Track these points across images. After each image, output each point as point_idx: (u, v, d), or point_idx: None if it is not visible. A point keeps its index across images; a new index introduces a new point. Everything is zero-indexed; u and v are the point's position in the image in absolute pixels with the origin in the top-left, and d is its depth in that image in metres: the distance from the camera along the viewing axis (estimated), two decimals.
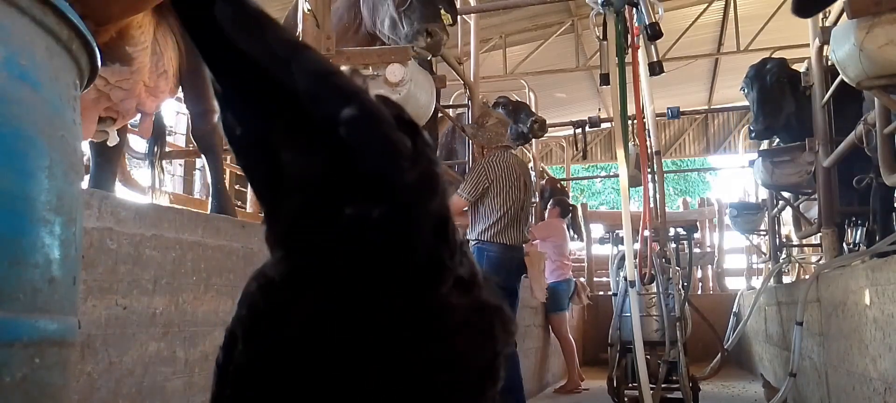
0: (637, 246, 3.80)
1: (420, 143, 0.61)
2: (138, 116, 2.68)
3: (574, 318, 6.65)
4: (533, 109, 5.89)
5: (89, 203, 1.36)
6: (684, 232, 4.45)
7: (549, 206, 6.11)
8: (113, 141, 2.63)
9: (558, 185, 6.86)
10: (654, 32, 3.27)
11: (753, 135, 4.46)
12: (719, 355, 5.07)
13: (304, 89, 0.58)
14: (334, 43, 2.85)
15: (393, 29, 3.03)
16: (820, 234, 4.08)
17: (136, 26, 2.23)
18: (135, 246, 1.48)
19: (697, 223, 5.30)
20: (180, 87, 2.69)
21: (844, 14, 2.70)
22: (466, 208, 3.65)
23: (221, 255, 1.75)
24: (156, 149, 3.35)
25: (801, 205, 5.10)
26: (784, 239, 6.18)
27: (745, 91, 4.45)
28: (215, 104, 2.77)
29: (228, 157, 4.34)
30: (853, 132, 3.25)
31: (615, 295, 4.44)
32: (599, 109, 9.47)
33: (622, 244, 3.87)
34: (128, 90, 2.32)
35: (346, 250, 0.58)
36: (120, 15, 2.06)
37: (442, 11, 3.15)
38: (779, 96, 4.26)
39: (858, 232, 4.16)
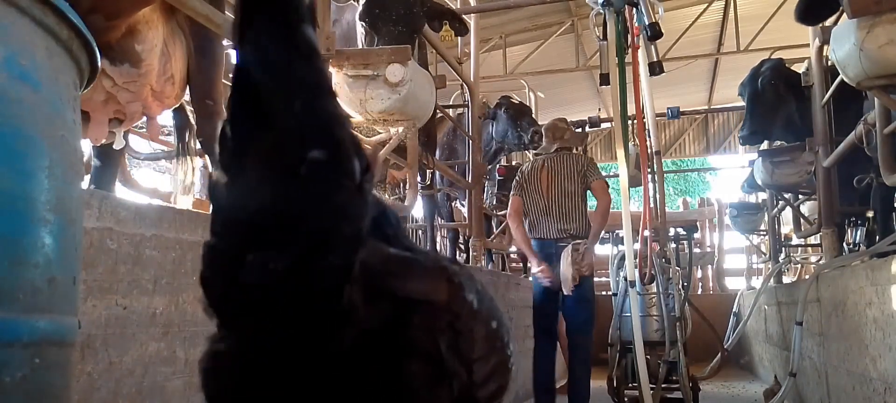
0: (637, 246, 3.80)
1: (355, 189, 0.65)
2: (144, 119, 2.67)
3: None
4: (534, 114, 5.87)
5: (89, 203, 1.36)
6: (684, 232, 4.45)
7: None
8: (119, 144, 2.61)
9: None
10: (654, 32, 3.27)
11: (741, 139, 4.48)
12: (719, 355, 5.07)
13: (293, 127, 0.62)
14: (334, 43, 2.85)
15: None
16: (820, 234, 4.08)
17: (145, 23, 2.21)
18: (135, 247, 1.48)
19: (697, 223, 5.30)
20: (187, 88, 2.68)
21: (844, 14, 2.70)
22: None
23: None
24: (181, 144, 3.21)
25: (802, 205, 5.10)
26: (784, 239, 6.18)
27: (742, 94, 4.47)
28: (222, 106, 2.77)
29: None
30: (853, 132, 3.25)
31: (615, 295, 4.44)
32: (599, 109, 9.47)
33: (622, 244, 3.87)
34: (134, 93, 2.31)
35: (238, 296, 0.62)
36: (131, 8, 2.04)
37: (447, 25, 3.21)
38: (770, 100, 4.26)
39: (858, 232, 4.16)
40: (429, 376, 0.71)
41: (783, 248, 5.93)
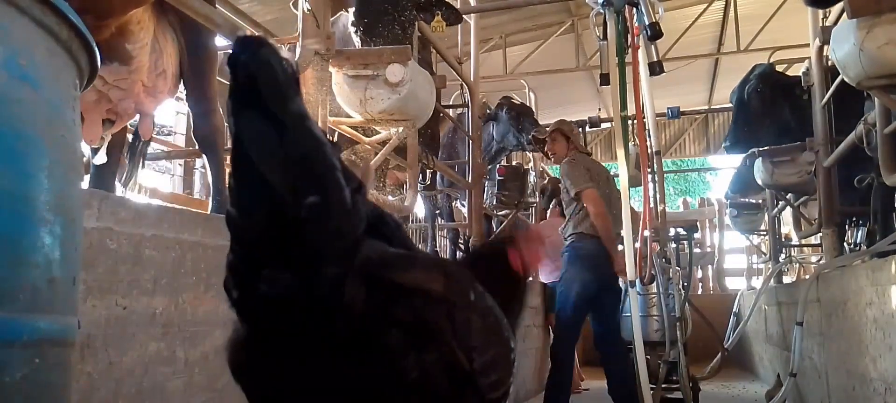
0: (637, 245, 3.79)
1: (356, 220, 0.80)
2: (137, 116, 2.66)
3: None
4: (535, 114, 5.86)
5: (89, 203, 1.36)
6: (684, 233, 4.45)
7: (550, 206, 6.11)
8: (101, 159, 2.59)
9: (560, 186, 6.85)
10: (654, 32, 3.26)
11: (725, 150, 4.51)
12: (719, 355, 5.07)
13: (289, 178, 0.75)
14: (334, 43, 2.84)
15: None
16: (820, 234, 4.08)
17: (136, 22, 2.21)
18: (135, 247, 1.48)
19: (697, 223, 5.29)
20: (183, 87, 2.67)
21: (845, 14, 2.70)
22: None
23: (221, 255, 1.74)
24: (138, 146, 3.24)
25: (802, 205, 5.09)
26: (784, 239, 6.18)
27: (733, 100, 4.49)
28: (217, 104, 2.77)
29: (228, 157, 4.33)
30: (853, 132, 3.25)
31: None
32: (599, 109, 9.47)
33: (622, 244, 3.87)
34: (125, 90, 2.30)
35: (255, 299, 0.78)
36: (122, 8, 2.04)
37: (438, 15, 3.18)
38: (756, 108, 4.27)
39: (859, 233, 4.16)
40: (427, 357, 0.80)
41: (784, 248, 5.92)
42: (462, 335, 0.85)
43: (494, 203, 5.84)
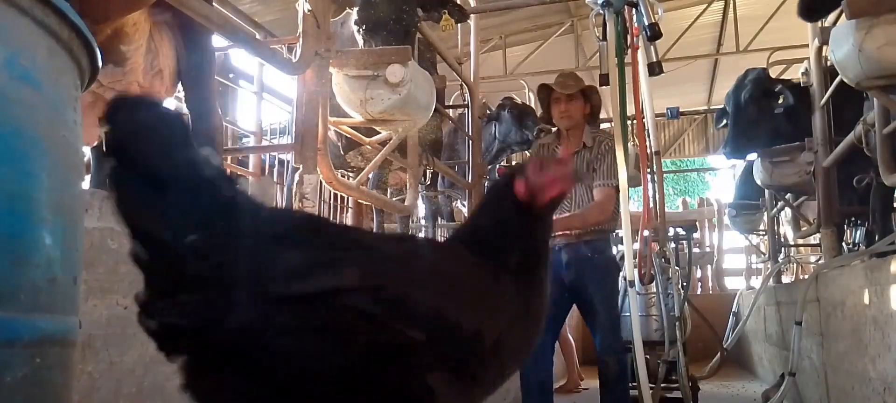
0: (637, 246, 3.80)
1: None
2: None
3: (574, 318, 6.65)
4: (538, 114, 5.86)
5: (90, 203, 1.37)
6: (684, 232, 4.46)
7: None
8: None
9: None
10: (653, 33, 3.27)
11: (725, 155, 4.50)
12: (718, 355, 5.07)
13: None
14: (335, 43, 2.85)
15: None
16: (819, 234, 4.08)
17: (131, 24, 2.20)
18: None
19: (697, 223, 5.30)
20: (181, 87, 2.67)
21: (843, 14, 2.71)
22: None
23: None
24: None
25: (802, 205, 5.10)
26: (783, 239, 6.19)
27: (728, 104, 4.49)
28: (216, 104, 2.76)
29: (229, 158, 4.34)
30: (852, 132, 3.25)
31: None
32: None
33: (622, 244, 3.87)
34: (120, 92, 2.30)
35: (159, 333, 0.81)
36: (119, 12, 2.04)
37: (446, 14, 3.18)
38: (752, 114, 4.27)
39: (858, 233, 4.17)
40: (373, 352, 0.79)
41: (782, 248, 5.93)
42: (407, 313, 0.83)
43: None
